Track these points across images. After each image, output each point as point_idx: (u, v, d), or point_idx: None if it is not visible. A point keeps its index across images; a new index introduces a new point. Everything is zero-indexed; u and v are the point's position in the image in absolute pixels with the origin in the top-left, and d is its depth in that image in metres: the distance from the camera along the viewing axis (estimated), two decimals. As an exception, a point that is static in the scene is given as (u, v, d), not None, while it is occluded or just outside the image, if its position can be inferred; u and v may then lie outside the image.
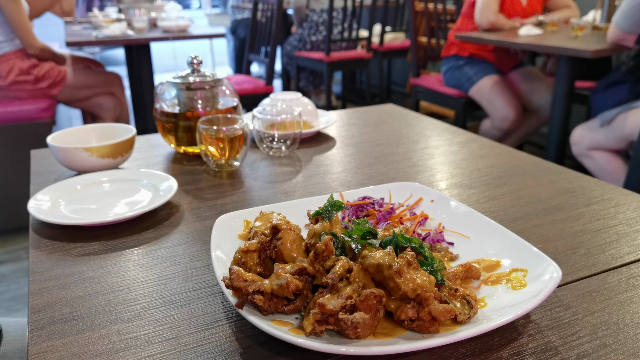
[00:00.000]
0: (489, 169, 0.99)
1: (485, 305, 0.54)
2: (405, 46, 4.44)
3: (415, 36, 3.33)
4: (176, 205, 0.85)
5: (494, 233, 0.65)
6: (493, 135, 2.93)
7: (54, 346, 0.52)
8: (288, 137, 1.06)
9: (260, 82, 3.26)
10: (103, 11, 3.92)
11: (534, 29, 2.64)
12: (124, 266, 0.67)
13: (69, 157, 0.93)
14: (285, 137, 1.06)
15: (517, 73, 3.01)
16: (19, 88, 2.70)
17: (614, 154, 2.32)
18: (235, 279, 0.52)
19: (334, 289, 0.51)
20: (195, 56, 1.05)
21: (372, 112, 1.42)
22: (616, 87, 2.26)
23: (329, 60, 3.84)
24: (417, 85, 3.31)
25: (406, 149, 1.11)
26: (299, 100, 1.20)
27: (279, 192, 0.89)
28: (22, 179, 2.45)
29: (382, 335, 0.50)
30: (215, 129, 0.94)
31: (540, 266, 0.56)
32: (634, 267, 0.65)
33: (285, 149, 1.07)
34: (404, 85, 5.18)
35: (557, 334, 0.52)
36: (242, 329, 0.54)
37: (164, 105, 1.07)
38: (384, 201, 0.77)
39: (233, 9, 5.35)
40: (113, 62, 7.06)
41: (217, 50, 7.22)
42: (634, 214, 0.79)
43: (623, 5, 2.16)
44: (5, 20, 2.60)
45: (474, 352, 0.50)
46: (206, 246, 0.71)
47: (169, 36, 3.01)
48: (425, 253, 0.55)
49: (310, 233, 0.60)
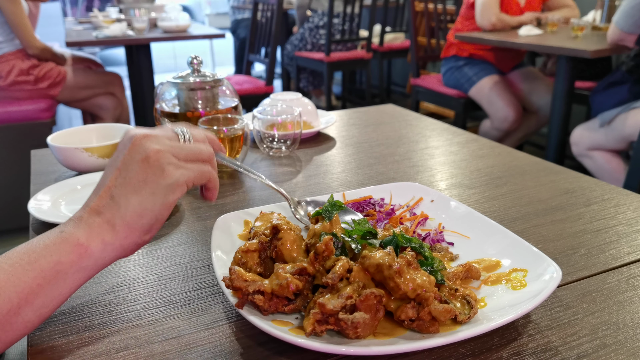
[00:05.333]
0: (489, 169, 0.99)
1: (485, 305, 0.54)
2: (405, 46, 4.44)
3: (415, 36, 3.33)
4: (176, 205, 0.85)
5: (494, 233, 0.65)
6: (493, 135, 2.93)
7: (54, 346, 0.52)
8: (288, 138, 1.06)
9: (261, 83, 3.27)
10: (103, 11, 3.91)
11: (534, 29, 2.64)
12: (124, 266, 0.67)
13: (69, 157, 0.93)
14: (286, 137, 1.06)
15: (517, 73, 3.01)
16: (19, 88, 2.70)
17: (614, 154, 2.32)
18: (236, 279, 0.52)
19: (334, 289, 0.51)
20: (195, 56, 1.05)
21: (372, 113, 1.42)
22: (616, 87, 2.26)
23: (329, 60, 3.84)
24: (417, 85, 3.31)
25: (406, 149, 1.11)
26: (299, 100, 1.20)
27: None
28: (22, 179, 2.45)
29: (382, 335, 0.50)
30: (216, 129, 0.94)
31: (540, 266, 0.56)
32: (634, 267, 0.65)
33: (285, 149, 1.07)
34: (404, 86, 5.18)
35: (557, 334, 0.52)
36: (242, 329, 0.54)
37: (164, 105, 1.07)
38: (384, 202, 0.77)
39: (233, 9, 5.35)
40: (113, 62, 7.06)
41: (217, 50, 7.23)
42: (634, 214, 0.79)
43: (623, 5, 2.16)
44: (5, 21, 2.60)
45: (474, 352, 0.50)
46: (206, 246, 0.71)
47: (169, 36, 3.01)
48: (425, 253, 0.55)
49: (310, 233, 0.60)
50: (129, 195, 0.51)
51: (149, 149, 0.51)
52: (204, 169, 0.56)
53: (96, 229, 0.50)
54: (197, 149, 0.56)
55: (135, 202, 0.51)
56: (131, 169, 0.51)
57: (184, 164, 0.54)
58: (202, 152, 0.56)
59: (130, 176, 0.51)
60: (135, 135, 0.53)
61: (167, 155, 0.52)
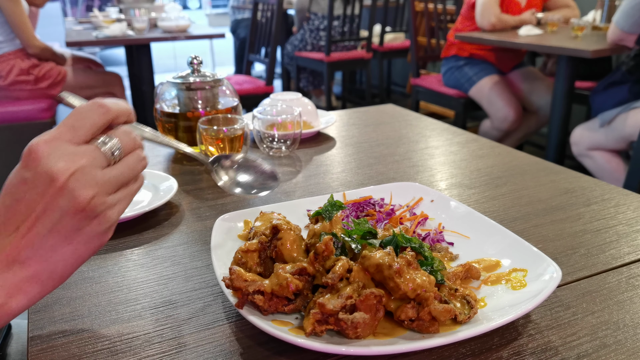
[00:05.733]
0: (489, 169, 0.99)
1: (485, 305, 0.54)
2: (405, 46, 4.44)
3: (415, 36, 3.33)
4: (176, 205, 0.85)
5: (494, 233, 0.65)
6: (493, 135, 2.93)
7: (54, 346, 0.52)
8: (288, 137, 1.06)
9: (261, 82, 3.27)
10: (103, 11, 3.91)
11: (534, 29, 2.64)
12: (124, 266, 0.67)
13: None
14: (286, 137, 1.06)
15: (517, 73, 3.01)
16: (19, 88, 2.71)
17: (614, 154, 2.32)
18: (236, 279, 0.52)
19: (334, 289, 0.51)
20: (195, 56, 1.05)
21: (372, 112, 1.42)
22: (616, 87, 2.26)
23: (329, 60, 3.84)
24: (417, 85, 3.31)
25: (406, 149, 1.11)
26: (299, 100, 1.20)
27: (279, 192, 0.89)
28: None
29: (382, 335, 0.50)
30: (216, 129, 0.94)
31: (540, 266, 0.56)
32: (634, 267, 0.65)
33: (285, 149, 1.07)
34: (404, 86, 5.17)
35: (557, 334, 0.52)
36: (242, 329, 0.54)
37: (164, 105, 1.07)
38: (384, 202, 0.77)
39: (233, 9, 5.35)
40: (113, 62, 7.07)
41: (217, 50, 7.22)
42: (634, 214, 0.79)
43: (623, 5, 2.16)
44: (5, 20, 2.60)
45: (474, 352, 0.50)
46: (206, 246, 0.71)
47: (169, 36, 3.01)
48: (425, 253, 0.55)
49: (310, 233, 0.60)
50: (58, 246, 0.43)
51: (81, 198, 0.42)
52: (135, 188, 0.48)
53: (18, 286, 0.43)
54: (128, 170, 0.46)
55: (68, 253, 0.44)
56: (60, 220, 0.42)
57: (119, 196, 0.46)
58: (134, 170, 0.47)
59: (59, 227, 0.42)
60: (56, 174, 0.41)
61: (103, 199, 0.44)
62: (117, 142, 0.46)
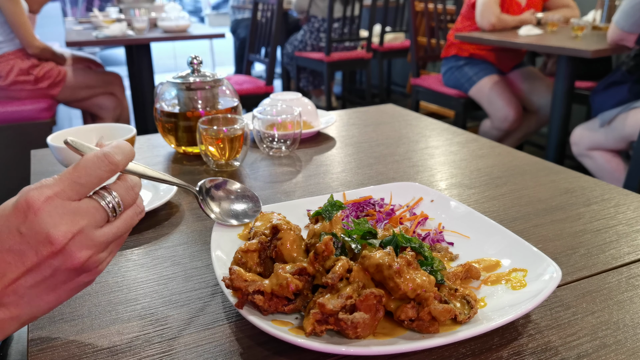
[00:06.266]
0: (489, 169, 0.99)
1: (485, 305, 0.54)
2: (405, 46, 4.44)
3: (415, 36, 3.33)
4: (176, 205, 0.85)
5: (494, 233, 0.65)
6: (493, 135, 2.94)
7: (54, 346, 0.52)
8: (288, 137, 1.06)
9: (261, 82, 3.27)
10: (103, 11, 3.92)
11: (534, 29, 2.64)
12: (124, 266, 0.67)
13: (69, 157, 0.93)
14: (285, 137, 1.06)
15: (517, 73, 3.01)
16: (19, 88, 2.71)
17: (614, 154, 2.32)
18: (235, 279, 0.52)
19: (334, 289, 0.51)
20: (195, 56, 1.05)
21: (372, 112, 1.42)
22: (616, 87, 2.26)
23: (329, 60, 3.84)
24: (417, 85, 3.31)
25: (406, 149, 1.11)
26: (299, 100, 1.20)
27: (279, 192, 0.89)
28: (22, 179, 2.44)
29: (382, 335, 0.50)
30: (216, 129, 0.94)
31: (540, 266, 0.56)
32: (634, 267, 0.65)
33: (285, 149, 1.07)
34: (404, 86, 5.18)
35: (557, 334, 0.52)
36: (242, 329, 0.54)
37: (164, 105, 1.07)
38: (384, 202, 0.77)
39: (233, 9, 5.35)
40: (113, 62, 7.07)
41: (217, 50, 7.23)
42: (634, 214, 0.79)
43: (623, 5, 2.16)
44: (5, 20, 2.60)
45: (474, 352, 0.50)
46: (206, 246, 0.71)
47: (169, 36, 3.01)
48: (425, 253, 0.55)
49: (310, 233, 0.60)
50: (43, 294, 0.44)
51: (77, 260, 0.43)
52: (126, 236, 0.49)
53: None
54: (125, 226, 0.47)
55: (52, 299, 0.45)
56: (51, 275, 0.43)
57: (111, 249, 0.47)
58: (131, 225, 0.48)
59: (48, 282, 0.43)
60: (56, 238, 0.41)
61: (97, 257, 0.45)
62: (118, 199, 0.46)
